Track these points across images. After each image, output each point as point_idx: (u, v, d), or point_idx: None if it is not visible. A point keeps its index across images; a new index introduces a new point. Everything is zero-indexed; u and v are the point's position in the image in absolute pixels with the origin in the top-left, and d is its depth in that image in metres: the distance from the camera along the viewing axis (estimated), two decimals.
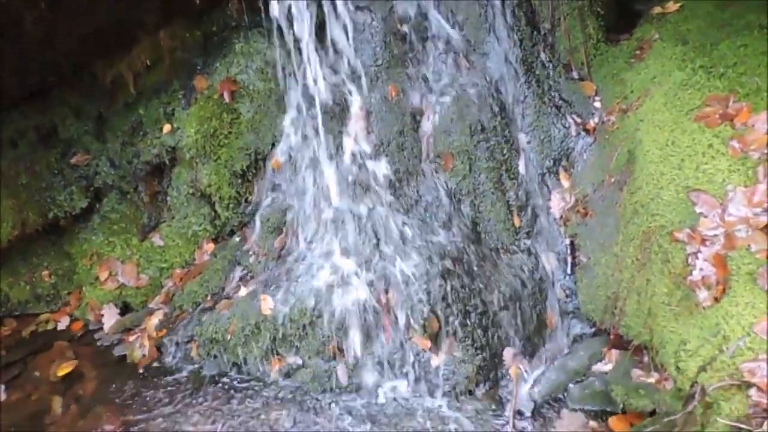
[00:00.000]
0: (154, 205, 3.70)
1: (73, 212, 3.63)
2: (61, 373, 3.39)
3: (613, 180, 3.13)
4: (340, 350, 3.10)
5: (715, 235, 2.58)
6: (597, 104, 3.45)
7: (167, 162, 3.63)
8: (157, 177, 3.70)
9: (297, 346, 3.15)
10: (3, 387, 3.33)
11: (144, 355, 3.39)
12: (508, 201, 3.34)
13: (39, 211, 3.53)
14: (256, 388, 3.22)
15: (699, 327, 2.45)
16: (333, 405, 3.11)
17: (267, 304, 3.16)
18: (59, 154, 3.62)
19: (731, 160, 2.70)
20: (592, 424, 2.94)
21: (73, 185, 3.61)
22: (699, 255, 2.58)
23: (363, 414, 3.07)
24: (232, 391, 3.23)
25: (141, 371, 3.37)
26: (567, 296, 3.27)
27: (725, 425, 2.19)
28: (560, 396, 3.05)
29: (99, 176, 3.66)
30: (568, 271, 3.28)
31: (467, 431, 2.96)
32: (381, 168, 3.28)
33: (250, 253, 3.46)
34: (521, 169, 3.37)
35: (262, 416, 3.11)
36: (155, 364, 3.39)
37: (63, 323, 3.64)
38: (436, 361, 3.10)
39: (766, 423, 2.09)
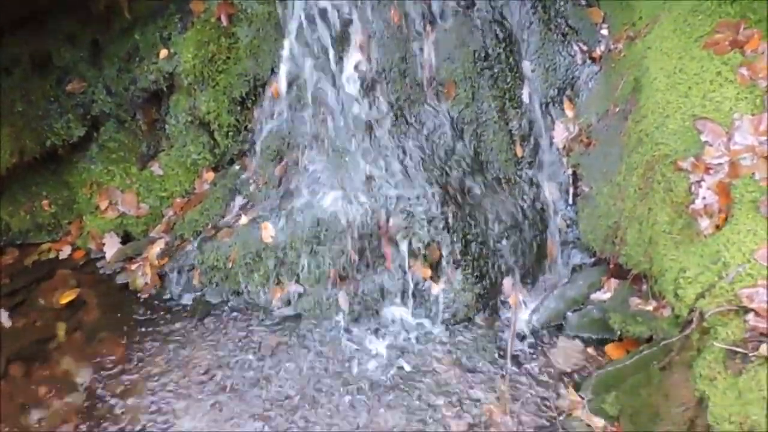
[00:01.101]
0: (153, 133, 3.66)
1: (71, 141, 3.58)
2: (64, 300, 3.42)
3: (618, 109, 3.08)
4: (341, 278, 3.12)
5: (720, 164, 2.56)
6: (604, 31, 3.36)
7: (165, 89, 3.56)
8: (155, 105, 3.63)
9: (298, 273, 3.17)
10: (7, 314, 3.36)
11: (146, 284, 3.42)
12: (510, 130, 3.30)
13: (36, 139, 3.49)
14: (258, 315, 3.26)
15: (699, 254, 2.45)
16: (333, 332, 3.16)
17: (268, 232, 3.17)
18: (54, 82, 3.55)
19: (739, 88, 2.66)
20: (589, 351, 2.99)
21: (69, 113, 3.55)
22: (702, 183, 2.57)
23: (362, 341, 3.12)
24: (233, 319, 3.27)
25: (143, 299, 3.41)
26: (568, 226, 3.27)
27: (721, 349, 2.23)
28: (558, 324, 3.09)
29: (96, 104, 3.60)
30: (570, 201, 3.28)
31: (467, 359, 3.02)
32: (382, 95, 3.23)
33: (251, 181, 3.44)
34: (525, 98, 3.32)
35: (264, 343, 3.16)
36: (157, 292, 3.42)
37: (65, 252, 3.65)
38: (436, 289, 3.13)
39: (762, 346, 2.12)
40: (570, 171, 3.26)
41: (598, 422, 2.68)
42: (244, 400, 2.94)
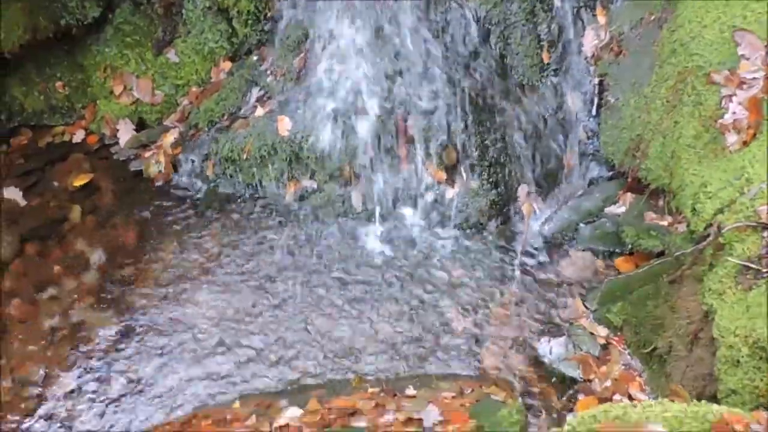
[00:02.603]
0: (169, 18, 3.54)
1: (85, 21, 3.48)
2: (77, 183, 3.43)
3: (653, 17, 2.96)
4: (356, 175, 3.10)
5: (755, 78, 2.48)
6: None
7: None
8: None
9: (313, 169, 3.16)
10: (21, 193, 3.38)
11: (160, 171, 3.41)
12: (539, 35, 3.19)
13: (50, 17, 3.39)
14: (270, 209, 3.27)
15: (723, 170, 2.41)
16: (344, 229, 3.17)
17: (284, 125, 3.13)
18: None
19: None
20: (599, 263, 3.00)
21: None
22: (734, 98, 2.50)
23: (372, 239, 3.14)
24: (245, 211, 3.28)
25: (156, 187, 3.41)
26: (588, 138, 3.21)
27: (734, 264, 2.22)
28: (570, 235, 3.08)
29: None
30: (593, 112, 3.20)
31: (475, 263, 3.04)
32: None
33: (268, 72, 3.36)
34: (556, 1, 3.18)
35: (275, 237, 3.18)
36: (171, 181, 3.42)
37: (78, 136, 3.63)
38: (450, 192, 3.11)
39: None
40: (596, 80, 3.17)
41: (602, 331, 2.71)
42: (251, 290, 2.99)
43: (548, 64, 3.22)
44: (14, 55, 3.36)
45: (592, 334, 2.71)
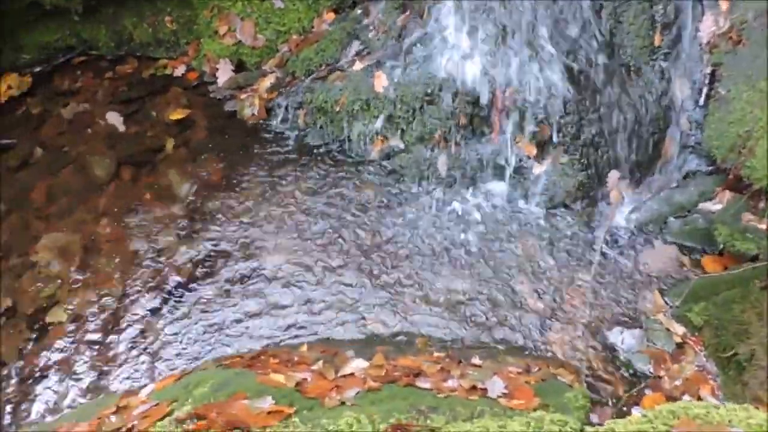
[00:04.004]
0: None
1: None
2: (174, 117, 3.53)
3: None
4: (445, 140, 3.08)
5: None
6: None
7: None
8: None
9: (403, 129, 3.15)
10: (121, 119, 3.52)
11: (253, 114, 3.47)
12: (653, 15, 3.04)
13: None
14: (355, 163, 3.29)
15: None
16: (425, 195, 3.16)
17: (381, 81, 3.12)
18: None
19: None
20: (684, 259, 2.90)
21: None
22: None
23: (453, 208, 3.12)
24: (330, 163, 3.32)
25: (248, 128, 3.47)
26: (691, 129, 3.07)
27: None
28: (658, 227, 2.99)
29: None
30: (701, 102, 3.05)
31: (555, 242, 2.99)
32: None
33: (371, 28, 3.35)
34: None
35: (354, 192, 3.21)
36: (262, 125, 3.48)
37: (179, 71, 3.72)
38: (539, 169, 3.05)
39: None
40: (709, 69, 3.01)
41: (679, 329, 2.63)
42: (325, 240, 3.04)
43: (659, 47, 3.07)
44: None
45: (668, 330, 2.63)
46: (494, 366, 2.30)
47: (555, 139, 2.98)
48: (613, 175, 3.06)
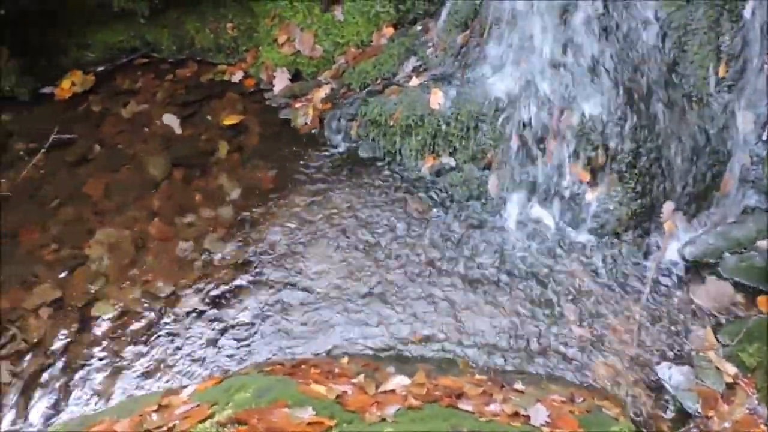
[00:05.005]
0: None
1: None
2: (228, 122, 3.59)
3: None
4: (498, 161, 3.05)
5: None
6: None
7: None
8: None
9: (455, 147, 3.14)
10: (178, 122, 3.58)
11: (306, 123, 3.50)
12: (719, 46, 2.98)
13: None
14: (404, 179, 3.28)
15: None
16: (473, 215, 3.13)
17: (437, 98, 3.12)
18: None
19: None
20: (738, 297, 2.81)
21: None
22: None
23: (500, 229, 3.09)
24: (380, 176, 3.32)
25: (300, 138, 3.51)
26: (752, 164, 2.99)
27: None
28: (712, 262, 2.90)
29: None
30: (764, 137, 2.97)
31: (604, 272, 2.93)
32: None
33: (429, 44, 3.35)
34: (746, 12, 2.94)
35: (402, 208, 3.20)
36: (315, 134, 3.51)
37: (237, 77, 3.79)
38: (591, 195, 3.00)
39: None
40: None
41: (731, 369, 2.55)
42: (369, 253, 3.03)
43: (723, 78, 3.00)
44: None
45: (719, 369, 2.55)
46: (537, 393, 2.26)
47: (610, 166, 2.93)
48: (668, 206, 2.99)
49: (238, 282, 3.01)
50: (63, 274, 3.01)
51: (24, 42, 3.57)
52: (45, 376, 2.74)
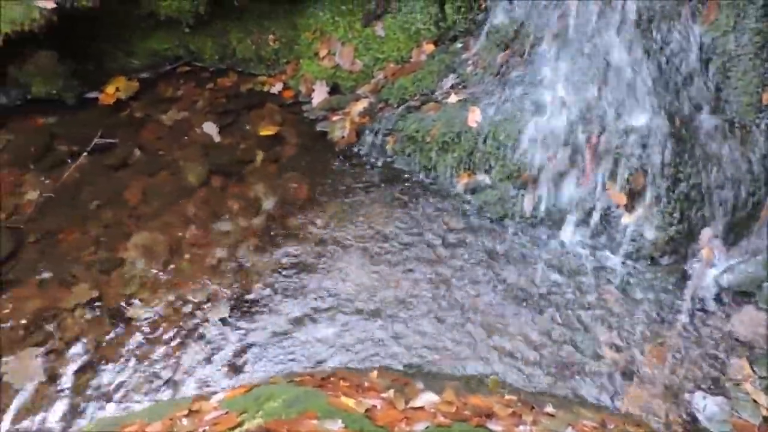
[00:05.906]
0: None
1: None
2: (266, 132, 3.63)
3: None
4: (534, 180, 3.04)
5: None
6: None
7: None
8: None
9: (491, 165, 3.13)
10: (217, 130, 3.64)
11: (343, 137, 3.53)
12: (763, 73, 2.94)
13: None
14: (439, 195, 3.29)
15: None
16: (507, 234, 3.12)
17: (475, 116, 3.12)
18: None
19: None
20: None
21: None
22: None
23: (533, 249, 3.07)
24: (414, 192, 3.33)
25: (337, 151, 3.54)
26: None
27: None
28: (750, 291, 2.85)
29: None
30: None
31: (639, 297, 2.89)
32: (631, 4, 2.97)
33: (469, 62, 3.37)
34: None
35: (435, 224, 3.20)
36: (351, 148, 3.53)
37: (276, 88, 3.83)
38: (627, 219, 2.97)
39: None
40: None
41: (767, 401, 2.49)
42: (400, 270, 3.03)
43: (767, 106, 2.97)
44: (241, 3, 3.61)
45: (755, 401, 2.49)
46: (568, 417, 2.23)
47: (648, 190, 2.90)
48: (706, 233, 2.95)
49: (269, 291, 3.02)
50: (100, 276, 3.06)
51: (72, 47, 3.66)
52: (78, 375, 2.78)
